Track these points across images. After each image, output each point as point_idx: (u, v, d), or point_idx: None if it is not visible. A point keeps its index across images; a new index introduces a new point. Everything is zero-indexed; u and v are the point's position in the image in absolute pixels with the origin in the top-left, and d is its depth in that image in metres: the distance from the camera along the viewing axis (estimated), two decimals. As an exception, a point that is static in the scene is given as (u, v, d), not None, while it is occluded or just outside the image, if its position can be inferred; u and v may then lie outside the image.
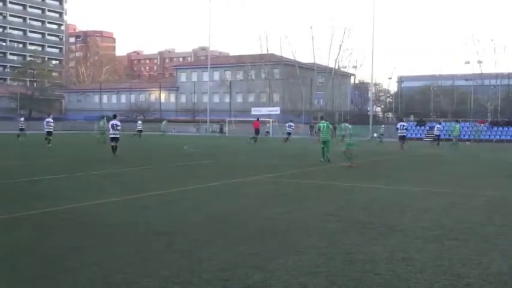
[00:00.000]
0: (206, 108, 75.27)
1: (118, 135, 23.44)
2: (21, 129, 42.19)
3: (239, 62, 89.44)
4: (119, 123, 23.86)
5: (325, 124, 22.21)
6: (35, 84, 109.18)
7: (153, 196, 11.26)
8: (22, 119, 44.22)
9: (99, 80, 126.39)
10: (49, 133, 32.16)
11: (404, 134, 35.16)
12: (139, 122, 52.88)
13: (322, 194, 12.13)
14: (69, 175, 15.30)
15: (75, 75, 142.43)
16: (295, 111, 78.98)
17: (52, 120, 33.39)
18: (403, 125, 35.75)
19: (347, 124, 21.42)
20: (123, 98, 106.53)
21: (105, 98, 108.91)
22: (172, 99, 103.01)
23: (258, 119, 44.00)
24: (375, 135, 60.14)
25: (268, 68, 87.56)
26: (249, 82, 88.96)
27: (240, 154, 27.33)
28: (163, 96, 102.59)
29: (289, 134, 41.66)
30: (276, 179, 15.05)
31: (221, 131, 68.64)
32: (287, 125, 44.39)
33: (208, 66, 76.35)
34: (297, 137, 46.25)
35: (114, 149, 23.02)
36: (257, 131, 41.29)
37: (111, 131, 23.55)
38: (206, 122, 74.51)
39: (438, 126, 45.92)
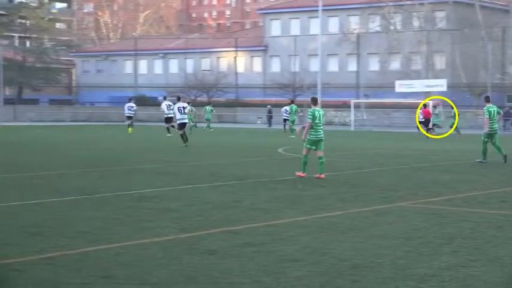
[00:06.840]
0: (316, 82, 75.05)
1: (186, 120, 34.67)
2: None
3: (373, 1, 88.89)
4: (186, 104, 35.56)
5: (494, 109, 26.61)
6: (27, 43, 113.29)
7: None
8: None
9: (133, 34, 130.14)
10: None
11: None
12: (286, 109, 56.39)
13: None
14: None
15: (93, 27, 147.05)
16: (473, 86, 78.04)
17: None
18: None
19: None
20: (173, 65, 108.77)
21: (143, 65, 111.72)
22: (257, 66, 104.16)
23: (425, 106, 51.76)
24: None
25: (426, 9, 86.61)
26: (392, 36, 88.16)
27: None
28: (242, 60, 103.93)
29: None
30: (441, 207, 15.03)
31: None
32: None
33: (320, 8, 76.22)
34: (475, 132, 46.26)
35: (184, 137, 33.64)
36: (427, 122, 49.59)
37: (178, 116, 34.18)
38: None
39: None
